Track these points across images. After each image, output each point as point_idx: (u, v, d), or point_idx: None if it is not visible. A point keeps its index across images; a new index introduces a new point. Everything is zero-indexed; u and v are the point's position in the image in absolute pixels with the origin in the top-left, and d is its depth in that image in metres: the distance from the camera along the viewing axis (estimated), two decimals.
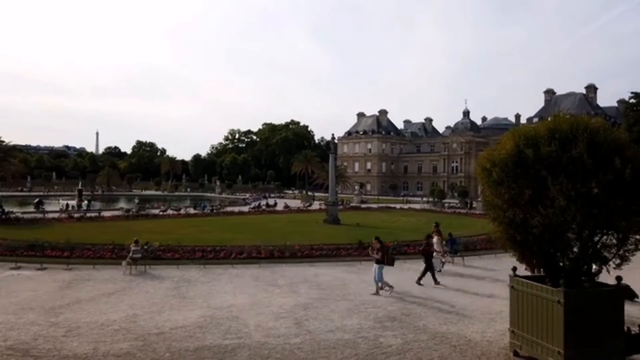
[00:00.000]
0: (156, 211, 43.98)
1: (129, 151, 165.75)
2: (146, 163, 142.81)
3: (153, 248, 18.83)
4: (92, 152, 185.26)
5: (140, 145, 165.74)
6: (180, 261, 18.00)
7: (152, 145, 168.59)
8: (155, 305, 11.94)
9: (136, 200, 52.55)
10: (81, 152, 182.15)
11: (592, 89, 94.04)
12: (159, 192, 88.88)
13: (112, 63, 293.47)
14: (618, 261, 7.78)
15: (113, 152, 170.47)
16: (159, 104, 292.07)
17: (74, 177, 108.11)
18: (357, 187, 78.87)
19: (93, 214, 39.00)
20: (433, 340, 9.35)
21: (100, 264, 17.48)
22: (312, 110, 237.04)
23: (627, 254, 7.75)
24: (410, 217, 43.35)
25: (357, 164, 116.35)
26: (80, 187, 60.30)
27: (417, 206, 60.07)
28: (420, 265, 18.58)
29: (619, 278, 7.92)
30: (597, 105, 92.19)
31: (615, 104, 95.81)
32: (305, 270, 17.00)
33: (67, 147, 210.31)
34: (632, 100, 76.78)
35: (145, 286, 14.23)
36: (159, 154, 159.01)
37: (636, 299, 11.87)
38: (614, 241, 7.72)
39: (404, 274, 16.72)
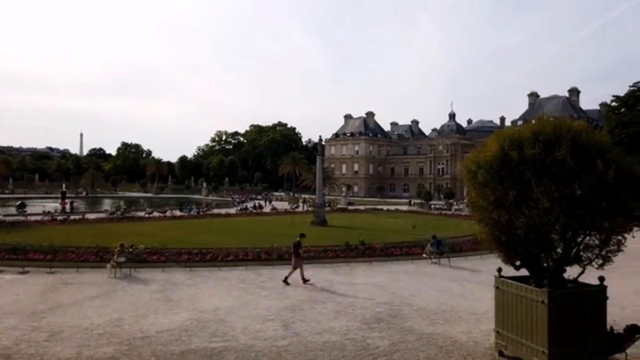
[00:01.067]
0: (142, 213, 43.51)
1: (113, 153, 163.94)
2: (131, 165, 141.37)
3: (138, 251, 18.62)
4: (76, 154, 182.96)
5: (125, 147, 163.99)
6: (166, 264, 17.82)
7: (137, 146, 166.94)
8: (141, 308, 11.80)
9: (121, 204, 51.63)
10: (65, 154, 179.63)
11: (575, 92, 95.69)
12: (145, 194, 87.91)
13: (97, 61, 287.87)
14: (600, 261, 7.90)
15: (97, 154, 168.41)
16: (145, 104, 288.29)
17: (57, 179, 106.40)
18: (344, 189, 79.05)
19: (77, 217, 38.45)
20: (420, 341, 9.40)
21: (84, 267, 17.23)
22: (299, 112, 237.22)
23: (610, 255, 7.87)
24: (397, 218, 43.55)
25: (344, 166, 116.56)
26: (63, 189, 59.42)
27: (403, 208, 60.34)
28: (406, 266, 18.71)
29: (601, 278, 8.04)
30: (580, 108, 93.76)
31: (598, 107, 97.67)
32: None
33: (50, 148, 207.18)
34: (613, 104, 78.44)
35: (130, 289, 14.06)
36: (144, 155, 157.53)
37: None
38: (597, 242, 7.83)
39: (392, 275, 16.77)
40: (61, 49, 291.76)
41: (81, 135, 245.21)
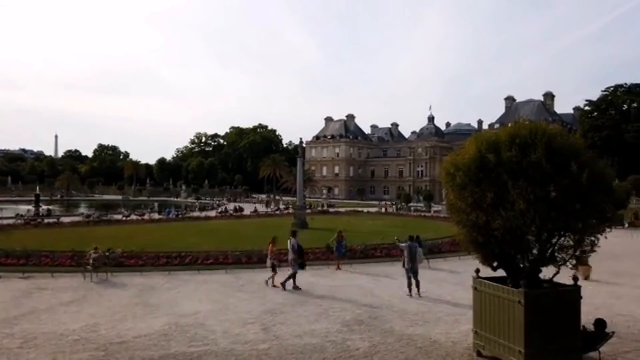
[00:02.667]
0: (119, 216, 42.77)
1: (90, 154, 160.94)
2: (108, 167, 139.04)
3: (115, 254, 18.27)
4: (50, 156, 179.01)
5: (102, 149, 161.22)
6: (144, 268, 17.54)
7: (114, 148, 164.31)
8: (118, 313, 11.58)
9: (93, 211, 49.14)
10: (39, 156, 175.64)
11: (549, 96, 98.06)
12: (122, 197, 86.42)
13: (72, 58, 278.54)
14: (574, 262, 8.09)
15: (73, 156, 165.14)
16: (123, 104, 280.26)
17: (31, 182, 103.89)
18: (325, 191, 79.27)
19: (51, 220, 37.55)
20: (399, 342, 9.46)
21: (58, 271, 16.81)
22: (280, 114, 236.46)
23: (583, 255, 8.07)
24: (377, 220, 43.81)
25: (325, 168, 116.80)
26: (37, 192, 57.98)
27: (382, 210, 60.70)
28: (386, 267, 18.81)
29: (575, 278, 8.24)
30: (555, 112, 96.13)
31: (572, 111, 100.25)
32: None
33: (23, 150, 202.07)
34: (587, 108, 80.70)
35: (107, 294, 13.79)
36: (121, 157, 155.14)
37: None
38: (571, 243, 8.01)
39: (372, 276, 16.85)
40: (34, 44, 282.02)
41: (56, 136, 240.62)
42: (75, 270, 16.60)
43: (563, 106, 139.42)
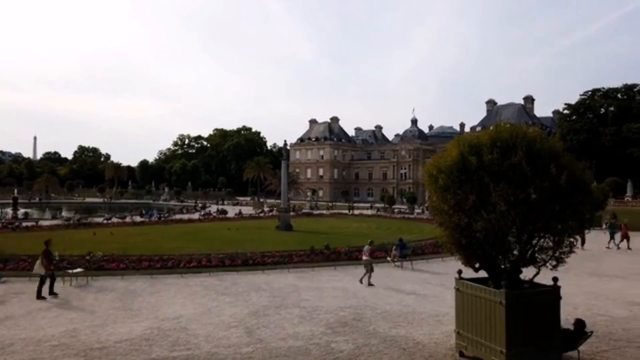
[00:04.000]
0: (100, 219, 42.08)
1: (70, 157, 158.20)
2: (89, 169, 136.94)
3: (96, 258, 17.98)
4: (29, 158, 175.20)
5: (82, 151, 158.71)
6: (125, 272, 17.27)
7: (95, 150, 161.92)
8: (98, 318, 11.38)
9: (73, 214, 48.14)
10: (17, 158, 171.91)
11: (529, 100, 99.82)
12: (103, 200, 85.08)
13: (51, 54, 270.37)
14: (554, 263, 8.23)
15: (52, 158, 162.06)
16: (104, 104, 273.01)
17: (8, 184, 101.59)
18: (309, 194, 79.19)
19: (29, 224, 36.74)
20: (383, 344, 9.50)
21: (37, 276, 16.41)
22: (264, 117, 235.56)
23: (563, 256, 8.21)
24: (362, 222, 43.96)
25: (309, 171, 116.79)
26: (15, 194, 56.74)
27: (367, 212, 60.94)
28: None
29: (555, 279, 8.39)
30: (534, 115, 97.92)
31: (551, 114, 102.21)
32: (257, 278, 16.81)
33: (1, 152, 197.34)
34: (565, 111, 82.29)
35: (87, 299, 13.55)
36: (102, 159, 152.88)
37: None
38: (550, 244, 8.15)
39: (355, 279, 16.88)
40: (12, 40, 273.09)
41: (35, 138, 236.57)
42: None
43: (543, 109, 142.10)
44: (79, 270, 16.05)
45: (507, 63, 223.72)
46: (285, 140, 45.28)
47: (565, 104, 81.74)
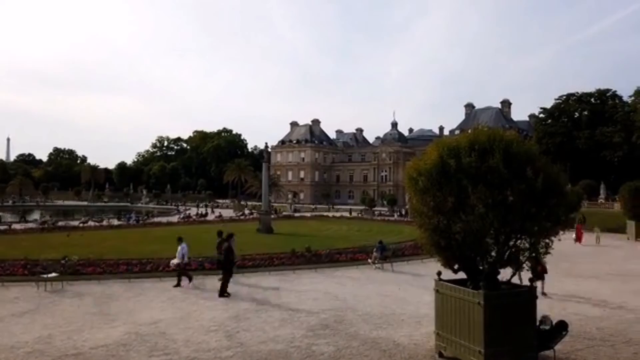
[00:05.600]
0: (76, 223, 41.23)
1: (44, 159, 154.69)
2: (64, 171, 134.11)
3: (71, 263, 17.58)
4: (2, 160, 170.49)
5: (57, 152, 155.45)
6: (102, 276, 16.94)
7: (71, 152, 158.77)
8: (74, 323, 11.13)
9: (47, 217, 46.94)
10: None
11: (506, 103, 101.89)
12: (80, 203, 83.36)
13: (26, 49, 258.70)
14: (530, 263, 8.40)
15: (26, 160, 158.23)
16: (80, 103, 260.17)
17: None
18: (290, 196, 79.04)
19: (2, 227, 35.75)
20: (364, 346, 9.53)
21: (10, 281, 16.00)
22: (245, 118, 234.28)
23: (539, 257, 8.39)
24: (342, 225, 44.07)
25: (290, 173, 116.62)
26: None
27: (348, 214, 61.17)
28: (351, 271, 18.94)
29: (531, 280, 8.56)
30: (511, 119, 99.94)
31: (527, 118, 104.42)
32: (237, 281, 16.67)
33: None
34: (541, 115, 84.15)
35: (62, 304, 13.24)
36: (79, 161, 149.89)
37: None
38: (527, 245, 8.32)
39: (337, 281, 16.92)
40: None
41: (8, 139, 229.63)
42: (28, 280, 15.86)
43: (519, 113, 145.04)
44: (53, 274, 15.69)
45: (487, 68, 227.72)
46: (266, 143, 45.11)
47: (541, 108, 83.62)
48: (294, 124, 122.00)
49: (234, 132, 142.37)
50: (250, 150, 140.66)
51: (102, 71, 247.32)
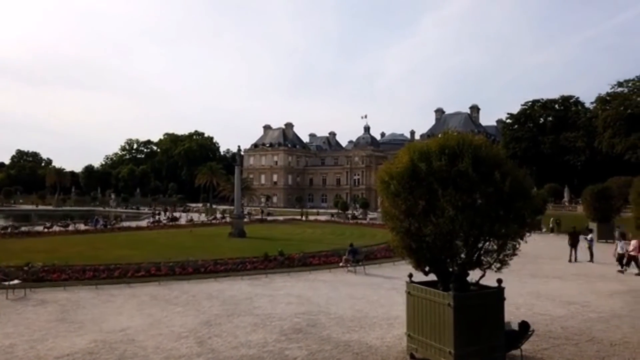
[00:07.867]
0: (40, 228, 39.85)
1: (7, 162, 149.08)
2: (28, 175, 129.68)
3: (35, 269, 16.98)
4: None
5: (20, 155, 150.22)
6: (67, 282, 16.41)
7: (35, 155, 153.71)
8: (37, 332, 10.74)
9: (10, 222, 45.15)
10: None
11: (475, 109, 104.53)
12: (45, 207, 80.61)
13: None
14: (498, 265, 8.61)
15: None
16: (44, 101, 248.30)
17: None
18: (263, 200, 78.59)
19: None
20: (336, 349, 9.55)
21: None
22: (217, 122, 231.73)
23: (506, 259, 8.60)
24: (316, 228, 44.12)
25: (263, 176, 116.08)
26: None
27: (321, 218, 61.30)
28: (324, 275, 18.98)
29: (499, 280, 8.76)
30: (480, 124, 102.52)
31: (495, 123, 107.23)
32: (209, 287, 16.46)
33: None
34: (508, 120, 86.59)
35: (25, 312, 12.75)
36: (43, 164, 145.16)
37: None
38: (495, 247, 8.53)
39: (310, 284, 16.90)
40: None
41: None
42: None
43: (487, 118, 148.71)
44: (16, 282, 15.12)
45: (453, 72, 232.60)
46: (239, 146, 44.71)
47: (508, 114, 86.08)
48: (267, 127, 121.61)
49: (205, 135, 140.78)
50: (222, 153, 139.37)
51: (71, 68, 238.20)
